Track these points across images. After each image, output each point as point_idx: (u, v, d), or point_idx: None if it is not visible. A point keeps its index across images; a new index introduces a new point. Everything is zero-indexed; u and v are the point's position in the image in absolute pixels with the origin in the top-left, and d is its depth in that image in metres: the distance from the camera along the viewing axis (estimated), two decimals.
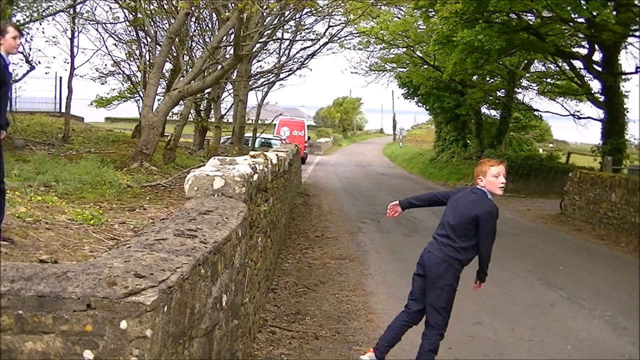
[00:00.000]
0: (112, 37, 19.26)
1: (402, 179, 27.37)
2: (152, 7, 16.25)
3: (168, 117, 16.44)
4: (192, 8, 13.23)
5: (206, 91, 18.95)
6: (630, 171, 17.33)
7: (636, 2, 15.65)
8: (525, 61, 25.46)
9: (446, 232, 4.18)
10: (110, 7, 17.49)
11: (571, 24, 17.26)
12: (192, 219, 3.10)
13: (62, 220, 5.40)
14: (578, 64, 20.74)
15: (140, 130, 14.21)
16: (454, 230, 4.15)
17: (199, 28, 18.39)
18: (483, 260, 4.31)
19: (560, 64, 23.18)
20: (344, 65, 61.41)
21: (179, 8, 12.86)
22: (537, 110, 28.08)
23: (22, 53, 14.18)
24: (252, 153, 5.59)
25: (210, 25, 19.02)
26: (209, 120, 22.35)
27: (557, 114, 26.09)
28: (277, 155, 7.12)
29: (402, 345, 5.35)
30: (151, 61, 16.76)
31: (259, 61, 24.29)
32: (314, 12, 20.32)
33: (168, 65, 18.74)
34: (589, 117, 22.19)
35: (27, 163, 9.35)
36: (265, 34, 17.18)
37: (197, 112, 21.87)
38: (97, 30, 20.29)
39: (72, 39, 16.90)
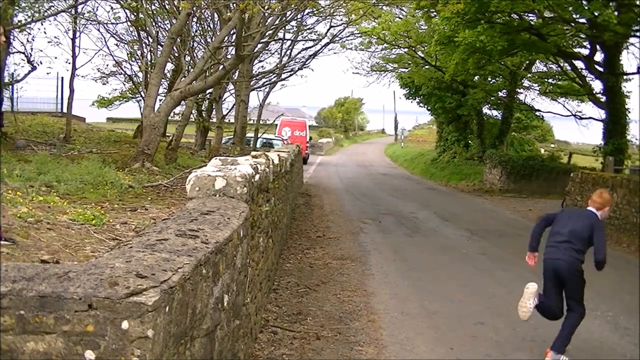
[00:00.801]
0: (114, 37, 19.24)
1: (404, 179, 27.37)
2: (153, 7, 16.25)
3: (170, 118, 16.43)
4: (194, 8, 13.24)
5: (208, 91, 18.95)
6: (632, 171, 17.27)
7: (638, 3, 15.63)
8: (527, 61, 25.45)
9: (566, 238, 5.14)
10: (112, 8, 17.45)
11: (573, 24, 17.23)
12: (194, 219, 3.10)
13: (63, 221, 5.40)
14: (579, 64, 20.71)
15: (141, 130, 14.22)
16: (573, 235, 5.12)
17: (200, 28, 18.40)
18: (599, 249, 5.04)
19: (561, 64, 23.17)
20: (346, 66, 61.75)
21: (180, 8, 12.86)
22: (538, 110, 28.09)
23: (23, 53, 14.18)
24: (253, 153, 5.59)
25: (211, 26, 19.05)
26: (211, 120, 22.35)
27: (558, 114, 26.10)
28: (278, 155, 7.12)
29: (404, 346, 5.36)
30: (153, 61, 16.78)
31: (260, 61, 24.33)
32: (315, 12, 20.34)
33: (170, 66, 18.72)
34: (590, 118, 22.16)
35: (28, 163, 9.35)
36: (266, 34, 17.18)
37: (198, 112, 21.85)
38: (98, 30, 20.35)
39: (73, 39, 16.89)
